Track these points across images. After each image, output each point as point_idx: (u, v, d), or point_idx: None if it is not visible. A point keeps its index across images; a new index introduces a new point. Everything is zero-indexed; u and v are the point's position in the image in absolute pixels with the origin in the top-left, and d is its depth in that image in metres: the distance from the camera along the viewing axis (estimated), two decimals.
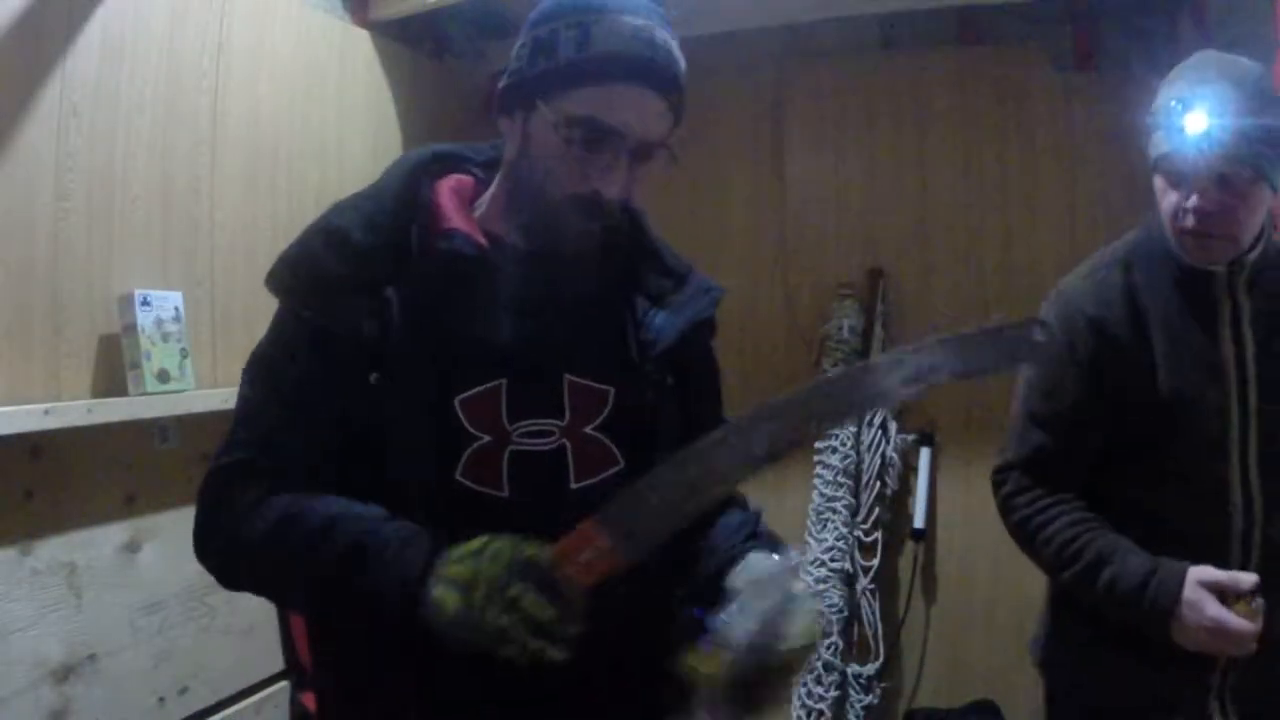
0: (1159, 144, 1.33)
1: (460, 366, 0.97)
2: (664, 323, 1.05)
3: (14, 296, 1.65)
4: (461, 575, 0.82)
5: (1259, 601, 1.21)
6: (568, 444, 0.99)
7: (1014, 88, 2.75)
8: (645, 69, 0.96)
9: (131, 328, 1.79)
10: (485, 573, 0.81)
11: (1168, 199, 1.33)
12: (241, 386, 1.01)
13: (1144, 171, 1.45)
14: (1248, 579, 1.23)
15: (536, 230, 1.00)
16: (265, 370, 1.00)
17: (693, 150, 2.96)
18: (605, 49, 0.95)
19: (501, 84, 1.01)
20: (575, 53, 0.95)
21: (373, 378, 0.94)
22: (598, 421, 1.01)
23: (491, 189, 1.06)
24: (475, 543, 0.84)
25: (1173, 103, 1.28)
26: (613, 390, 1.02)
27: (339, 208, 1.01)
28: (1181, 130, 1.26)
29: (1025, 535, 1.41)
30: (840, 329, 2.80)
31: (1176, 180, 1.31)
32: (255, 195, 2.14)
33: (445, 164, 1.07)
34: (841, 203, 2.91)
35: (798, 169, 2.96)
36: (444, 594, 0.81)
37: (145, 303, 1.80)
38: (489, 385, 0.97)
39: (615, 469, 1.01)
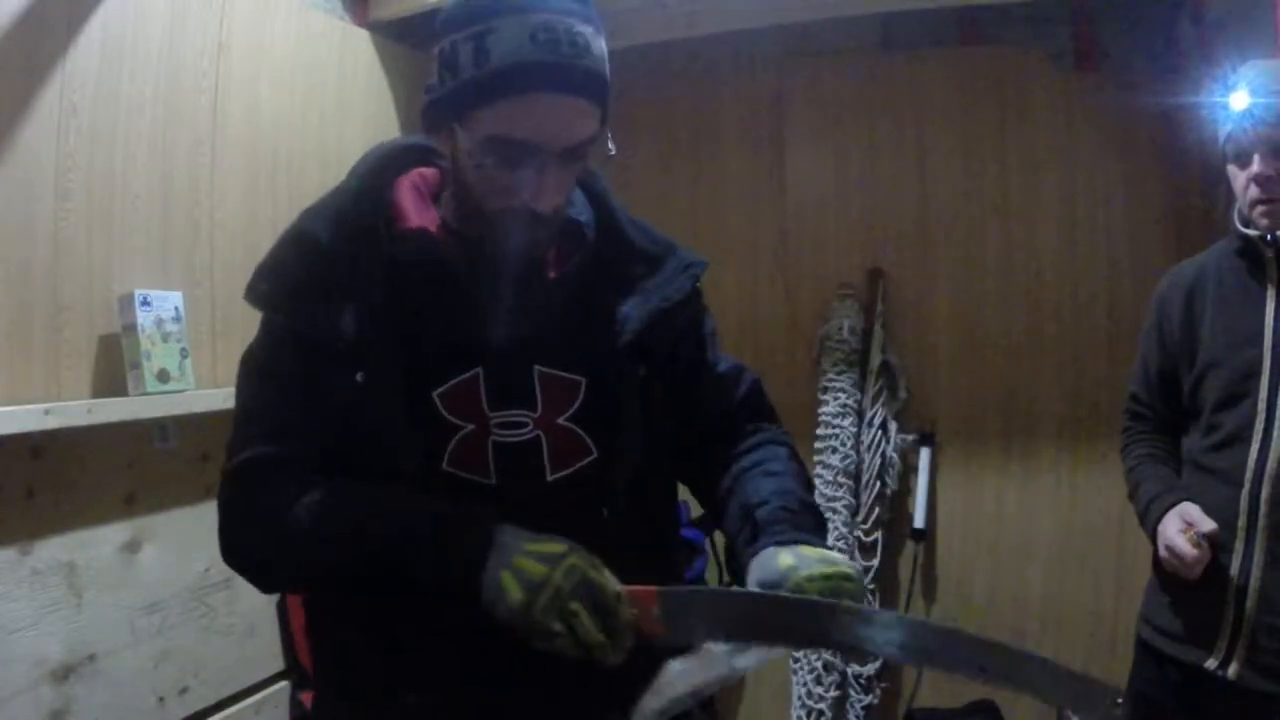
0: (1223, 132, 1.51)
1: (434, 361, 0.97)
2: (630, 310, 1.03)
3: (14, 296, 1.64)
4: (533, 574, 0.84)
5: (1203, 539, 1.45)
6: (542, 435, 1.00)
7: (1014, 88, 2.75)
8: (551, 75, 0.88)
9: (131, 328, 1.79)
10: (555, 581, 0.83)
11: (1238, 181, 1.51)
12: (239, 387, 1.02)
13: (1142, 170, 1.51)
14: (1208, 524, 1.46)
15: (486, 241, 0.98)
16: (262, 372, 1.01)
17: (693, 149, 3.00)
18: (503, 62, 0.87)
19: (424, 102, 0.98)
20: (474, 69, 0.89)
21: (359, 376, 0.94)
22: (569, 412, 1.00)
23: (445, 196, 1.05)
24: (554, 546, 0.86)
25: (1226, 93, 1.48)
26: (584, 381, 1.01)
27: (308, 213, 1.02)
28: (1234, 110, 1.47)
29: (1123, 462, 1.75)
30: (840, 329, 2.80)
31: (1240, 157, 1.49)
32: (255, 195, 2.14)
33: (410, 156, 1.07)
34: (841, 203, 2.91)
35: (798, 169, 2.96)
36: (510, 583, 0.83)
37: (145, 303, 1.80)
38: (465, 376, 0.98)
39: (589, 459, 1.01)
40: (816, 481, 2.77)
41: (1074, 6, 2.71)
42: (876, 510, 2.75)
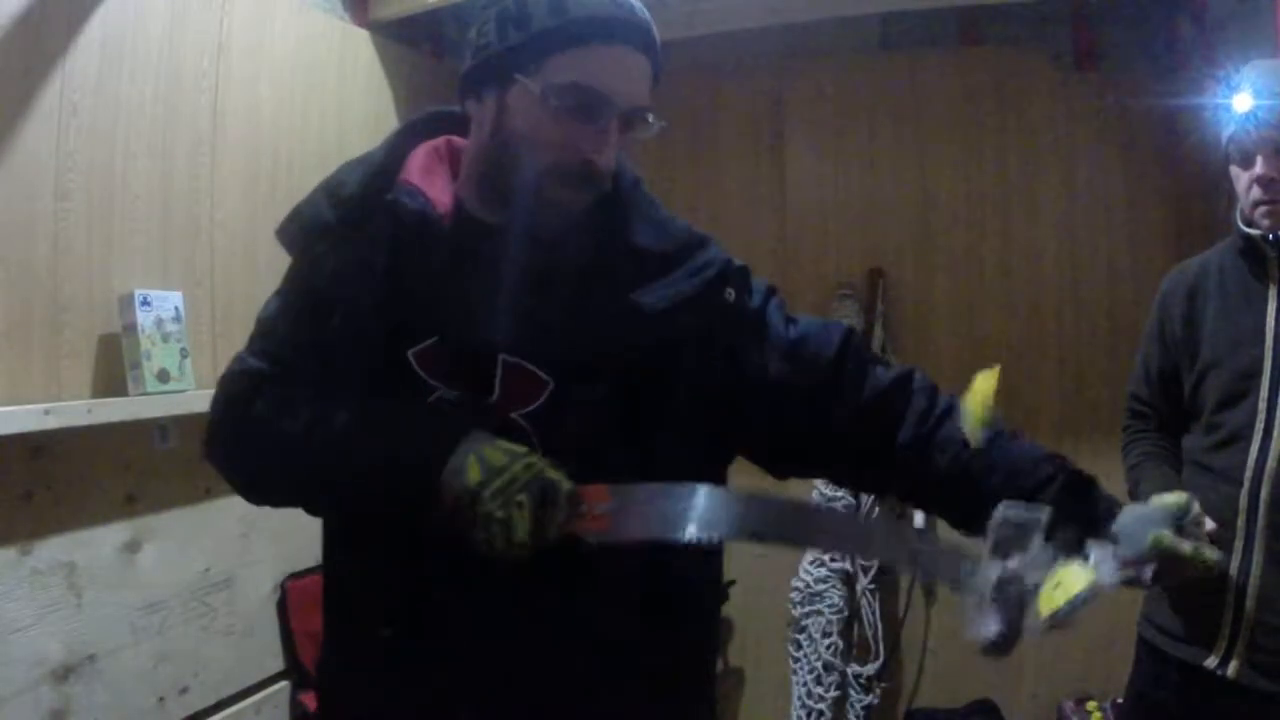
0: (1225, 132, 1.51)
1: (410, 320, 0.97)
2: (603, 321, 0.97)
3: (14, 296, 1.65)
4: (494, 460, 0.87)
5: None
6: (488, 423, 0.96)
7: (1014, 88, 2.75)
8: (626, 28, 0.93)
9: (131, 328, 1.79)
10: (513, 470, 0.86)
11: (1240, 182, 1.51)
12: (268, 302, 1.06)
13: (1142, 170, 1.50)
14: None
15: (523, 209, 0.95)
16: (282, 298, 1.04)
17: (693, 150, 3.00)
18: (583, 12, 0.91)
19: (467, 65, 0.98)
20: (551, 19, 0.91)
21: (335, 320, 0.96)
22: (527, 409, 0.96)
23: (464, 169, 1.03)
24: (520, 446, 0.89)
25: (1230, 94, 1.49)
26: (552, 384, 0.96)
27: (346, 164, 1.04)
28: (1237, 111, 1.47)
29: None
30: None
31: (1243, 158, 1.49)
32: (255, 195, 2.14)
33: (442, 123, 1.06)
34: (841, 203, 2.91)
35: (798, 169, 2.96)
36: (472, 464, 0.86)
37: (145, 303, 1.80)
38: (433, 340, 0.97)
39: None
40: (816, 481, 2.77)
41: (1074, 6, 2.71)
42: (876, 510, 2.74)
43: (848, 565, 2.73)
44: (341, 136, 2.39)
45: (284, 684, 2.18)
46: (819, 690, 2.71)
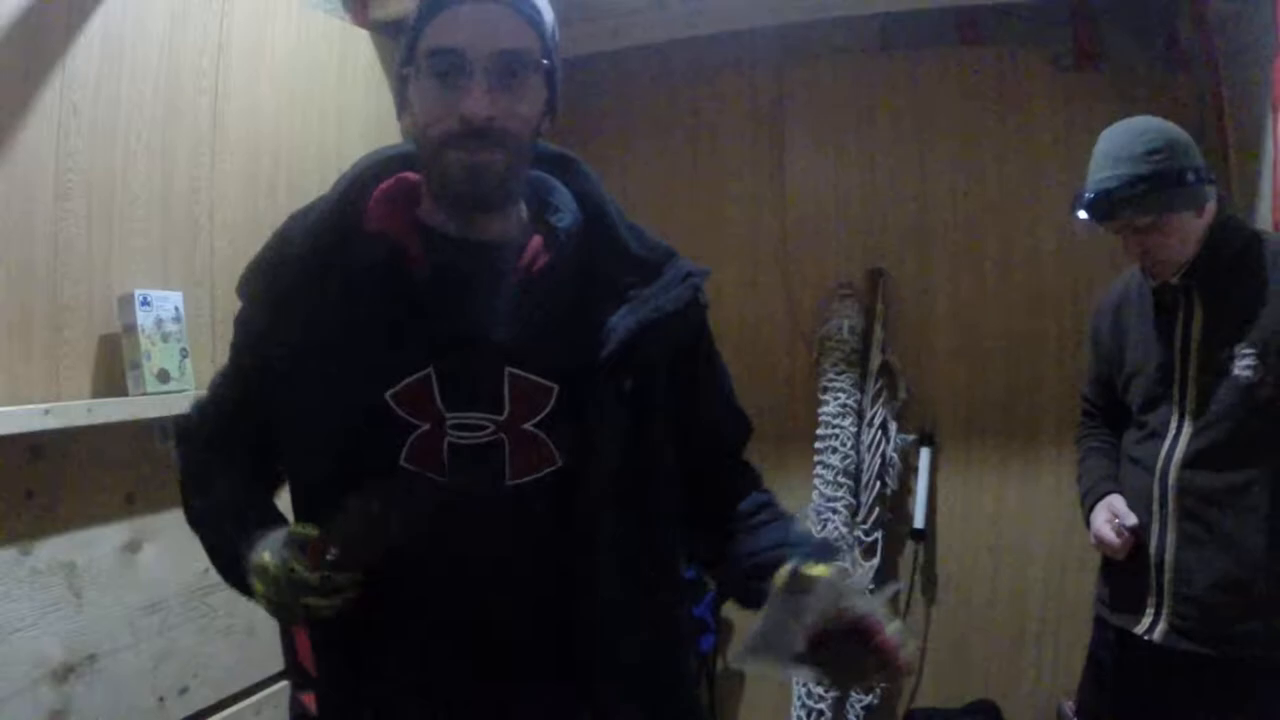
0: (1093, 222, 1.75)
1: (387, 361, 0.97)
2: (617, 321, 1.00)
3: (14, 296, 1.65)
4: (262, 581, 0.96)
5: (1126, 529, 1.73)
6: (505, 439, 0.98)
7: (1014, 88, 2.75)
8: None
9: (131, 328, 1.79)
10: (268, 594, 0.95)
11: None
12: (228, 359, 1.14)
13: None
14: (1130, 518, 1.73)
15: (442, 190, 0.99)
16: (231, 354, 1.12)
17: (693, 150, 3.00)
18: None
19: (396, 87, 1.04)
20: (416, 12, 0.98)
21: (302, 380, 0.99)
22: (538, 419, 0.98)
23: (424, 192, 1.05)
24: (272, 562, 0.95)
25: (1079, 190, 1.74)
26: (556, 388, 0.99)
27: (295, 216, 1.05)
28: (1083, 210, 1.73)
29: None
30: (840, 329, 2.80)
31: (1117, 235, 1.74)
32: (255, 195, 2.14)
33: (394, 165, 1.07)
34: (841, 203, 2.91)
35: (798, 169, 2.96)
36: (256, 582, 0.97)
37: (145, 303, 1.81)
38: (416, 376, 0.97)
39: (552, 468, 0.99)
40: (816, 481, 2.78)
41: (1074, 6, 2.71)
42: (876, 510, 2.75)
43: (848, 565, 2.73)
44: (341, 136, 2.39)
45: (284, 684, 2.18)
46: (819, 690, 2.71)
